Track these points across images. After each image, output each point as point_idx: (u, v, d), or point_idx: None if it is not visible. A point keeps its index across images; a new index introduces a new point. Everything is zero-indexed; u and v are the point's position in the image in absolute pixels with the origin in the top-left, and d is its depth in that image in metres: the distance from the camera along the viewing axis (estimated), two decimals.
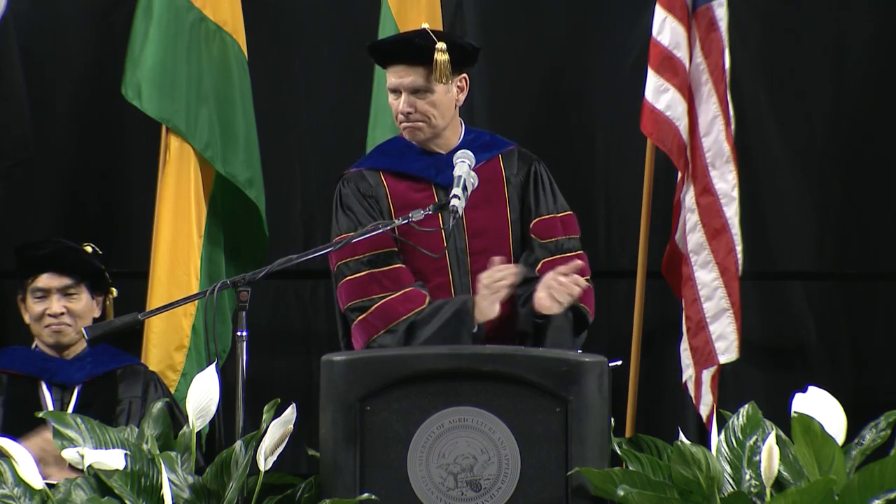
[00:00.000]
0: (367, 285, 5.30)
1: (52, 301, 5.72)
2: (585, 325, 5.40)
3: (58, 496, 4.73)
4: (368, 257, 5.30)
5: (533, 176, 5.49)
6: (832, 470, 4.68)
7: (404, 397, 4.74)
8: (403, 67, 5.36)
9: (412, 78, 5.35)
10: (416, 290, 5.29)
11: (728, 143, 6.51)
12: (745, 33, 7.04)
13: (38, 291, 5.73)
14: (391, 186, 5.43)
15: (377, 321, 5.27)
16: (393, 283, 5.29)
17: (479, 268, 5.34)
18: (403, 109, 5.37)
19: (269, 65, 7.05)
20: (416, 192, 5.41)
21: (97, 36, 7.06)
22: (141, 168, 6.98)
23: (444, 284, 5.37)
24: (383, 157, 5.50)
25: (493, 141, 5.52)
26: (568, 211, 5.53)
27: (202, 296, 5.23)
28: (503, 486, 4.71)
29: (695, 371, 6.48)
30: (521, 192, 5.47)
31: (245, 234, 6.75)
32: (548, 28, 7.20)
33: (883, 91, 7.16)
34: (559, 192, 5.53)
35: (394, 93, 5.39)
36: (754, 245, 6.99)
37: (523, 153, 5.55)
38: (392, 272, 5.31)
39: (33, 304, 5.74)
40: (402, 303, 5.27)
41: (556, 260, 5.40)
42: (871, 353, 7.17)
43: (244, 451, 4.78)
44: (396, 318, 5.25)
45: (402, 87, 5.36)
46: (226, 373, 4.96)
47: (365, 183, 5.43)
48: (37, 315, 5.73)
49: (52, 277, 5.73)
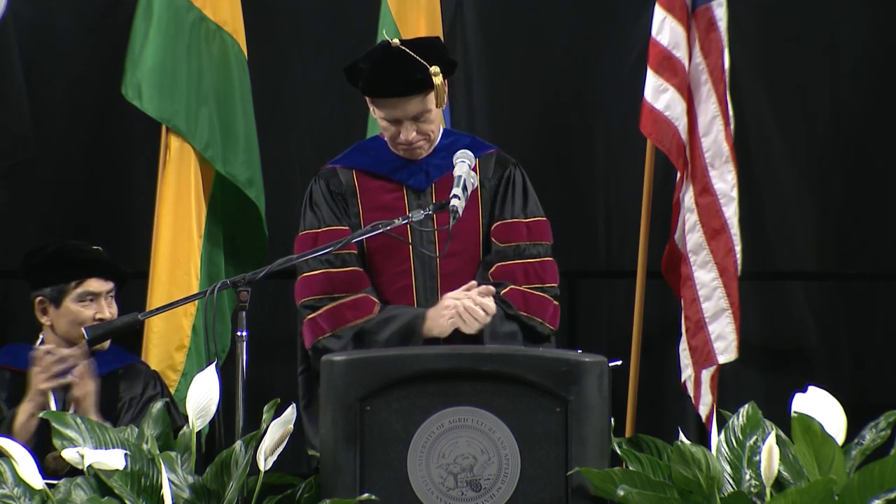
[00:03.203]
0: (321, 284, 5.29)
1: (102, 305, 5.71)
2: (543, 338, 5.35)
3: (58, 496, 4.73)
4: (327, 257, 5.28)
5: (505, 179, 5.43)
6: (832, 470, 4.68)
7: (404, 397, 4.74)
8: (401, 100, 5.25)
9: (412, 106, 5.26)
10: (365, 297, 5.26)
11: (727, 143, 6.51)
12: (744, 33, 7.04)
13: (89, 295, 5.72)
14: (362, 185, 5.40)
15: (324, 323, 5.25)
16: (346, 286, 5.27)
17: (446, 272, 5.33)
18: (413, 139, 5.29)
19: (269, 65, 7.06)
20: (387, 192, 5.39)
21: (97, 36, 7.07)
22: (141, 168, 6.99)
23: (408, 287, 5.34)
24: (360, 156, 5.47)
25: (473, 144, 5.45)
26: (540, 217, 5.43)
27: (202, 296, 5.22)
28: (503, 486, 4.71)
29: (694, 371, 6.48)
30: (492, 197, 5.44)
31: (245, 234, 6.75)
32: (547, 28, 7.20)
33: (883, 91, 7.16)
34: (534, 197, 5.43)
35: (392, 122, 5.30)
36: (754, 245, 6.99)
37: (501, 157, 5.47)
38: (347, 274, 5.29)
39: (80, 308, 5.71)
40: (351, 309, 5.25)
41: (513, 265, 5.35)
42: (871, 353, 7.17)
43: (244, 451, 4.78)
44: (343, 324, 5.23)
45: (405, 117, 5.27)
46: (226, 373, 4.96)
47: (336, 180, 5.41)
48: (85, 319, 5.70)
49: (102, 282, 5.73)
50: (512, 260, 5.33)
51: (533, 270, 5.34)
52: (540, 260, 5.37)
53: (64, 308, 5.72)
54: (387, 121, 5.30)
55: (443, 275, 5.34)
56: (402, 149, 5.35)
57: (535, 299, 5.30)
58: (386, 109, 5.28)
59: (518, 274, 5.32)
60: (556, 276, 5.38)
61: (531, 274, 5.33)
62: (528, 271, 5.33)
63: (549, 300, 5.33)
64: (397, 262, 5.31)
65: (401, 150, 5.35)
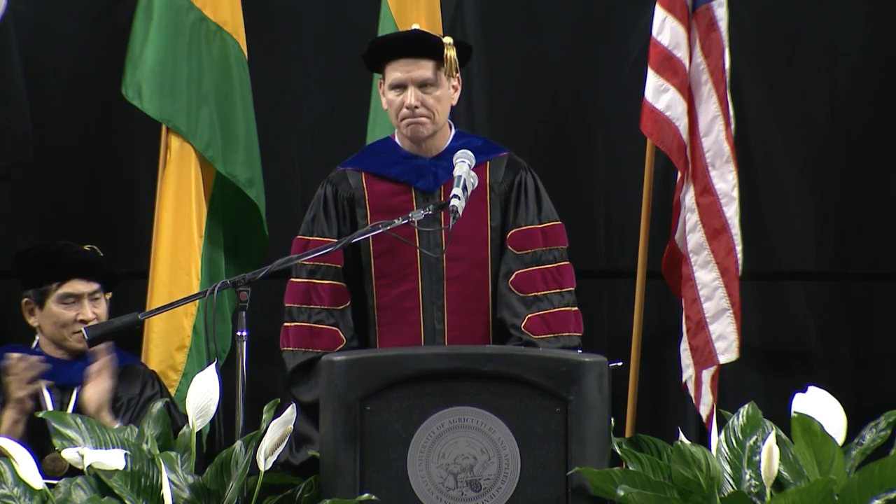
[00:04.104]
0: (303, 293, 5.46)
1: (84, 306, 5.71)
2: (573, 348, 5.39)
3: (58, 496, 4.73)
4: (311, 267, 5.43)
5: (517, 185, 5.46)
6: (832, 470, 4.68)
7: (404, 397, 4.74)
8: (411, 61, 5.36)
9: (421, 71, 5.36)
10: (334, 332, 5.40)
11: (728, 142, 6.51)
12: (744, 33, 7.04)
13: (70, 297, 5.72)
14: (371, 188, 5.45)
15: (293, 338, 5.44)
16: (320, 300, 5.42)
17: (453, 274, 5.36)
18: (411, 103, 5.36)
19: (269, 65, 7.05)
20: (396, 195, 5.42)
21: (97, 36, 7.06)
22: (141, 168, 6.98)
23: (413, 290, 5.38)
24: (369, 158, 5.52)
25: (484, 147, 5.49)
26: (554, 221, 5.49)
27: (202, 296, 5.23)
28: (503, 486, 4.71)
29: (695, 371, 6.48)
30: (503, 201, 5.45)
31: (245, 234, 6.75)
32: (547, 28, 7.20)
33: (882, 91, 7.16)
34: (548, 201, 5.49)
35: (397, 88, 5.38)
36: (754, 245, 6.99)
37: (513, 161, 5.51)
38: (326, 287, 5.42)
39: (61, 310, 5.71)
40: (320, 337, 5.41)
41: (531, 272, 5.39)
42: (871, 353, 7.17)
43: (244, 451, 4.78)
44: (307, 347, 5.41)
45: (411, 80, 5.36)
46: (226, 373, 4.96)
47: (346, 184, 5.48)
48: (66, 321, 5.70)
49: (83, 283, 5.72)
50: (530, 267, 5.37)
51: (551, 276, 5.41)
52: (557, 265, 5.43)
53: (47, 309, 5.72)
54: (393, 88, 5.37)
55: (449, 278, 5.37)
56: (405, 124, 5.37)
57: (553, 317, 5.36)
58: (395, 73, 5.37)
59: (537, 281, 5.38)
60: (574, 279, 5.46)
61: (549, 280, 5.39)
62: (546, 277, 5.39)
63: (569, 311, 5.40)
64: (404, 264, 5.35)
65: (404, 126, 5.38)
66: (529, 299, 5.40)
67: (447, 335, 5.39)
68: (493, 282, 5.42)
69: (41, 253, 5.77)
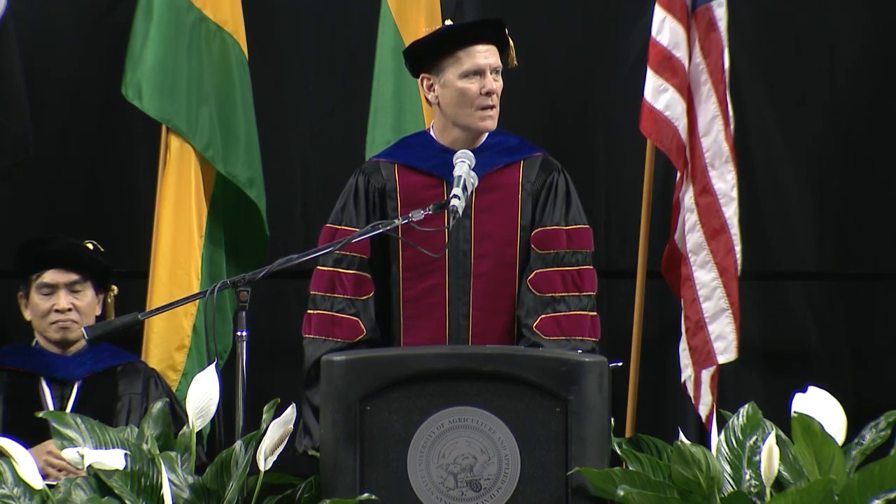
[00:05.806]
0: (327, 281, 5.43)
1: (60, 297, 5.72)
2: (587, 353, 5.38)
3: (58, 496, 4.73)
4: (338, 256, 5.41)
5: (548, 185, 5.46)
6: (832, 470, 4.68)
7: (404, 397, 4.74)
8: (489, 47, 5.37)
9: (496, 59, 5.39)
10: (355, 322, 5.38)
11: (727, 143, 6.51)
12: (744, 33, 7.04)
13: (46, 287, 5.73)
14: (403, 180, 5.44)
15: (315, 325, 5.42)
16: (343, 289, 5.41)
17: (480, 271, 5.35)
18: (493, 88, 5.34)
19: (269, 65, 7.06)
20: (428, 188, 5.41)
21: (97, 36, 7.06)
22: (141, 168, 6.98)
23: (440, 285, 5.37)
24: (403, 151, 5.51)
25: (520, 146, 5.49)
26: (582, 224, 5.48)
27: (202, 296, 5.24)
28: (503, 486, 4.71)
29: (694, 371, 6.48)
30: (534, 201, 5.45)
31: (245, 234, 6.75)
32: (547, 28, 7.20)
33: (883, 91, 7.16)
34: (577, 204, 5.48)
35: (475, 75, 5.35)
36: (754, 245, 6.99)
37: (547, 162, 5.50)
38: (350, 277, 5.41)
39: (39, 300, 5.74)
40: (341, 326, 5.38)
41: (551, 272, 5.38)
42: (871, 353, 7.17)
43: (244, 451, 4.78)
44: (327, 335, 5.39)
45: (490, 66, 5.36)
46: (226, 373, 4.96)
47: (378, 175, 5.46)
48: (43, 311, 5.73)
49: (60, 273, 5.74)
50: (550, 267, 5.36)
51: (570, 278, 5.39)
52: (578, 268, 5.41)
53: (31, 301, 5.75)
54: (470, 74, 5.34)
55: (475, 275, 5.37)
56: (482, 113, 5.35)
57: (567, 320, 5.34)
58: (472, 60, 5.35)
59: (556, 282, 5.37)
60: (595, 284, 5.43)
61: (569, 282, 5.38)
62: (565, 279, 5.38)
63: (585, 315, 5.38)
64: (432, 259, 5.31)
65: (479, 115, 5.35)
66: (546, 299, 5.39)
67: (471, 332, 5.38)
68: (519, 281, 5.41)
69: (23, 244, 5.80)
